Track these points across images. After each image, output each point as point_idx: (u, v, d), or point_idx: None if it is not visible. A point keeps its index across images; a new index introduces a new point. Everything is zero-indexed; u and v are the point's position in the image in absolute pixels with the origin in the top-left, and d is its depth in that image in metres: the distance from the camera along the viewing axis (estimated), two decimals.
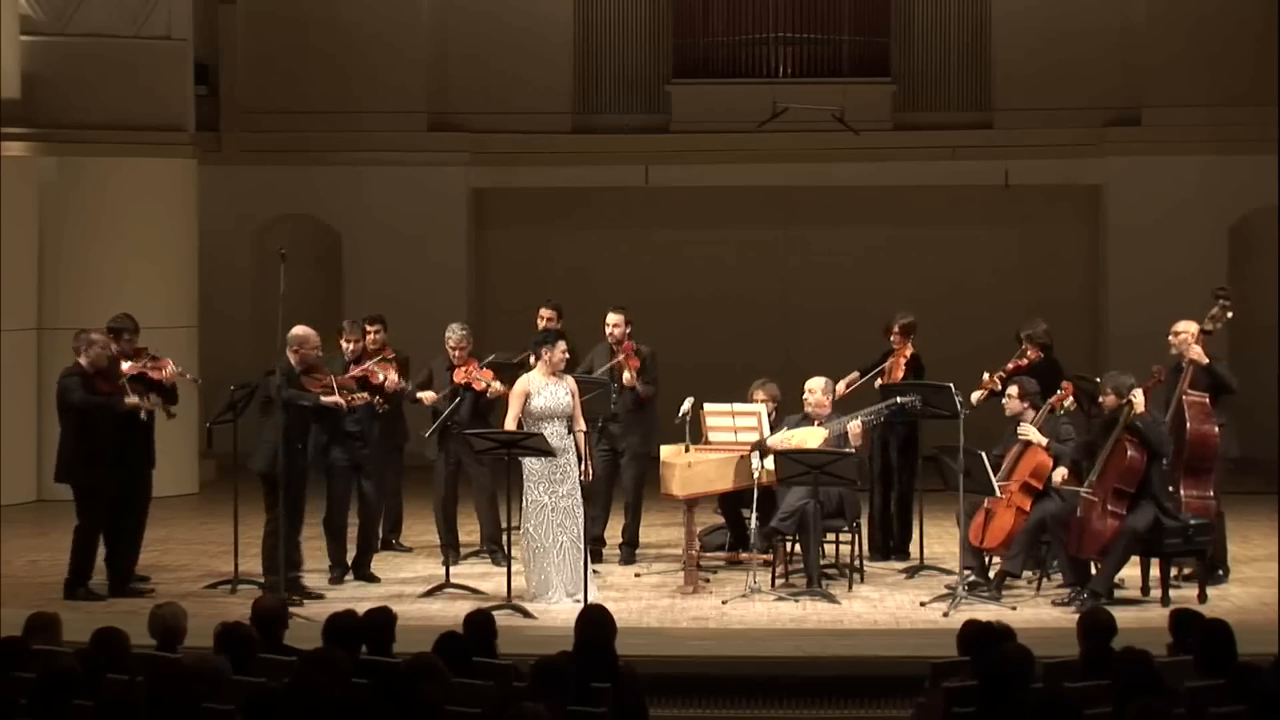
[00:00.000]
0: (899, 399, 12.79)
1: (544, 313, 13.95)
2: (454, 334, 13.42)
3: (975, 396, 13.03)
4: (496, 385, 13.07)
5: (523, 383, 12.34)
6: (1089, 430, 12.59)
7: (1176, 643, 8.19)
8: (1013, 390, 12.55)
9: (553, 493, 12.12)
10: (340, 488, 12.99)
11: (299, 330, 12.41)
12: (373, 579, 13.02)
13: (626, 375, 13.32)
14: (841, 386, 13.34)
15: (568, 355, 12.46)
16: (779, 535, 12.65)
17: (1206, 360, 12.50)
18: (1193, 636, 7.96)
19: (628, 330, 13.55)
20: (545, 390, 12.24)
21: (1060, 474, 12.12)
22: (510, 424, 12.17)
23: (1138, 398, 11.96)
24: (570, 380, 12.43)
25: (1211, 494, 12.48)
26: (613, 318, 13.57)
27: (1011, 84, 20.07)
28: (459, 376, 13.18)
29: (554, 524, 12.12)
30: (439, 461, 13.36)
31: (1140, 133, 19.57)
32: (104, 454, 12.36)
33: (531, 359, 12.65)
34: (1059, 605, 11.79)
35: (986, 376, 13.23)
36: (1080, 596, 11.70)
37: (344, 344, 13.31)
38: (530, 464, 12.11)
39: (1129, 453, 11.89)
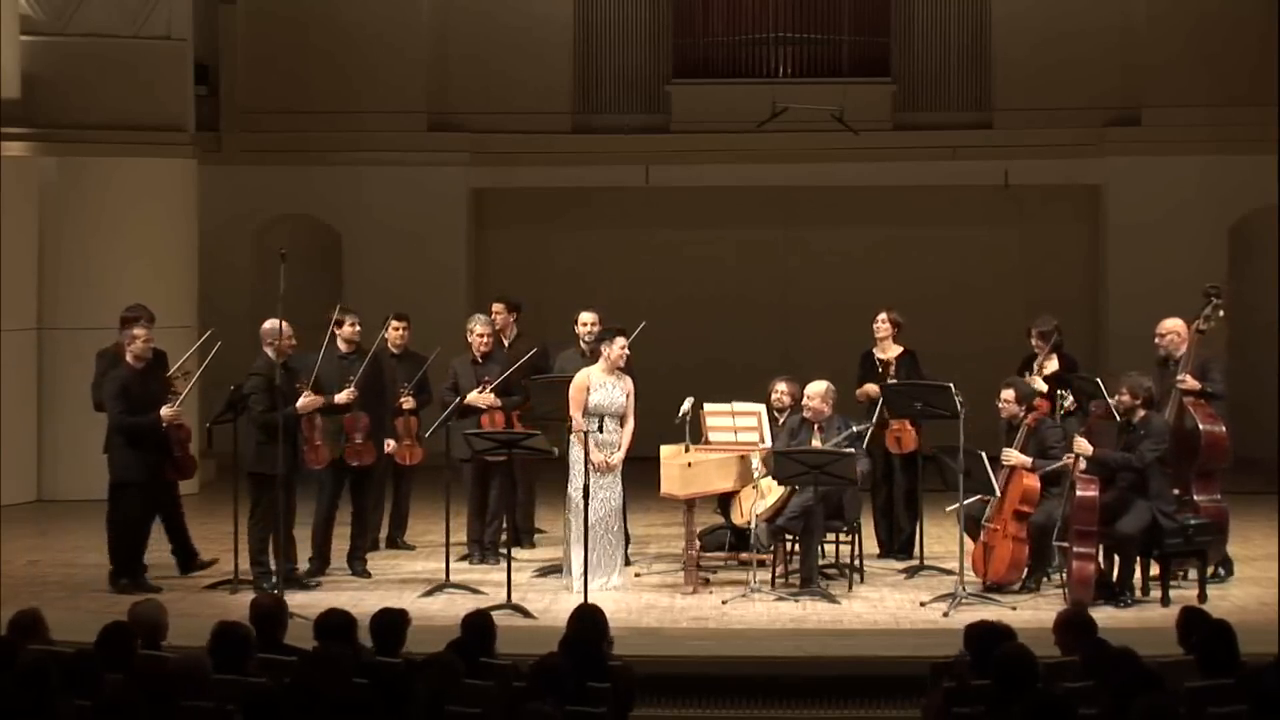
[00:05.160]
0: (854, 428, 12.75)
1: (495, 307, 14.01)
2: (476, 324, 13.50)
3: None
4: None
5: (583, 377, 12.45)
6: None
7: (1184, 641, 8.18)
8: (1008, 395, 12.46)
9: (596, 484, 12.20)
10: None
11: (270, 324, 12.48)
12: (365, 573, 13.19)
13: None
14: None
15: (627, 351, 12.50)
16: (785, 535, 12.65)
17: (1199, 385, 12.50)
18: (1195, 636, 7.96)
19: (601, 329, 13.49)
20: (603, 386, 12.38)
21: (1081, 446, 11.89)
22: (576, 416, 12.29)
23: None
24: (628, 380, 12.49)
25: (1220, 496, 12.46)
26: (587, 317, 13.52)
27: (1011, 84, 20.07)
28: None
29: (592, 514, 12.28)
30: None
31: (1140, 133, 19.57)
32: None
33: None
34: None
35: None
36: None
37: (338, 332, 13.13)
38: (571, 456, 12.32)
39: (1080, 492, 11.76)
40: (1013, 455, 12.21)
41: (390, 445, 13.40)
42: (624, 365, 12.58)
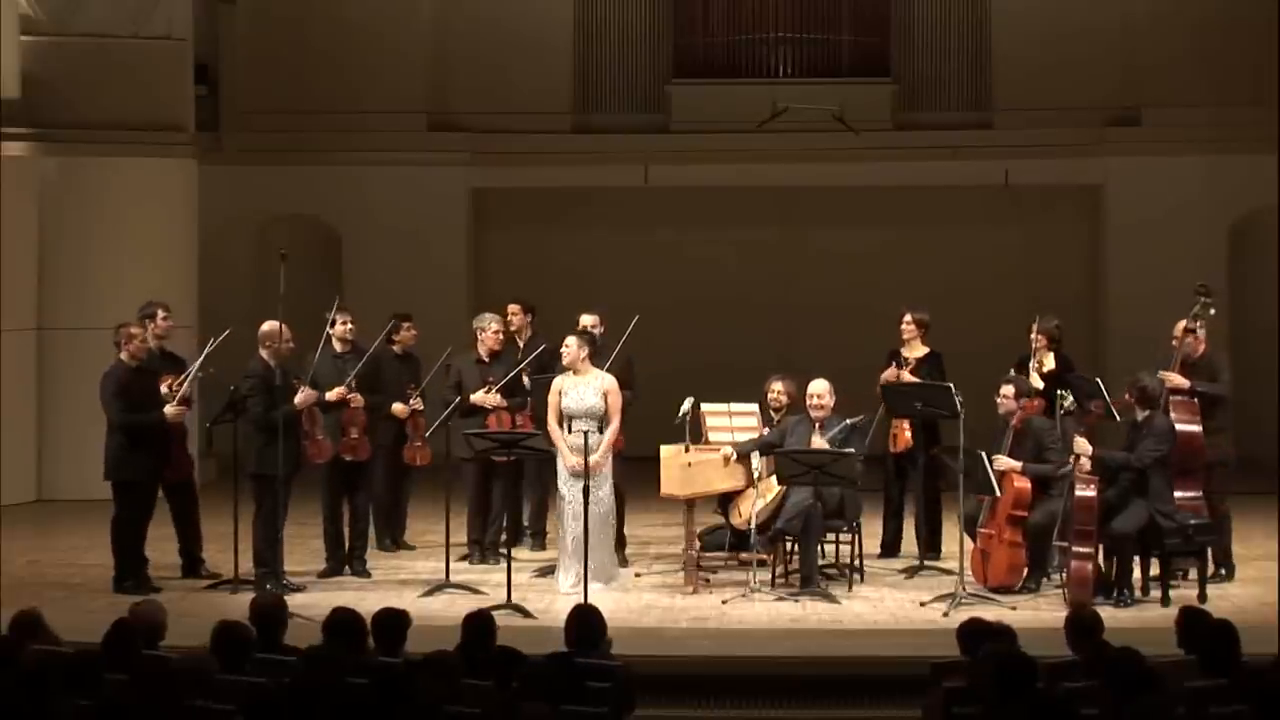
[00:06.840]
0: (849, 421, 12.74)
1: (511, 308, 13.99)
2: (492, 323, 13.49)
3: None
4: None
5: (556, 383, 12.57)
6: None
7: (1182, 642, 8.18)
8: (1007, 390, 12.46)
9: (570, 486, 12.27)
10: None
11: (268, 326, 12.46)
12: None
13: None
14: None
15: (568, 351, 12.51)
16: (784, 536, 12.64)
17: (1186, 384, 12.47)
18: (1196, 636, 7.96)
19: (603, 330, 13.46)
20: (572, 390, 12.45)
21: (1082, 446, 11.88)
22: (551, 421, 12.40)
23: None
24: (605, 380, 12.49)
25: (1200, 494, 12.41)
26: (587, 319, 13.48)
27: (1011, 84, 20.07)
28: None
29: (568, 517, 12.32)
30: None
31: (1140, 133, 19.57)
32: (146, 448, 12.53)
33: None
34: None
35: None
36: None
37: (331, 332, 13.17)
38: (558, 459, 12.43)
39: (1079, 492, 11.75)
40: (1003, 460, 12.20)
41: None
42: (589, 362, 12.56)
